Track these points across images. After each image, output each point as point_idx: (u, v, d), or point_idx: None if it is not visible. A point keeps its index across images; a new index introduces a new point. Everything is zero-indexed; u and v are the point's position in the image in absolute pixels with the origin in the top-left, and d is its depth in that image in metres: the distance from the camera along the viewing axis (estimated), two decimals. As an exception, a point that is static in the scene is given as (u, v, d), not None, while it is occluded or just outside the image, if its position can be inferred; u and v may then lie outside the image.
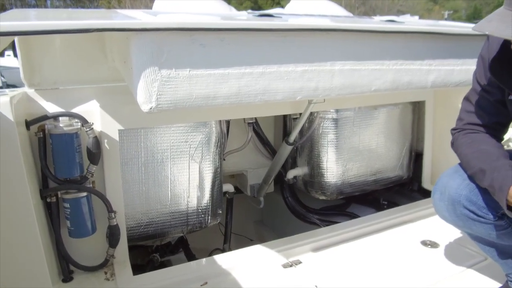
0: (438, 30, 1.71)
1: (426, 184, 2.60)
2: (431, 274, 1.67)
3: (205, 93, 1.25)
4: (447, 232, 1.93)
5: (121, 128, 1.68)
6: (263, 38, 1.32)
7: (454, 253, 1.81)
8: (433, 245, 1.90)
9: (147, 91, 1.17)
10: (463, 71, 1.84)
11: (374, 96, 2.16)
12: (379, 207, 2.57)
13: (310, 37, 1.41)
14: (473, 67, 1.47)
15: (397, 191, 2.73)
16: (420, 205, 2.23)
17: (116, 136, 1.67)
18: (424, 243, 1.92)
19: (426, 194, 2.49)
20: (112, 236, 1.71)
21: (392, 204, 2.56)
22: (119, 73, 1.51)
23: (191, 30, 1.19)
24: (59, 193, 1.62)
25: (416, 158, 2.66)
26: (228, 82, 1.27)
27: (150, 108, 1.19)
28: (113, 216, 1.69)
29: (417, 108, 2.57)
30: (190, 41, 1.19)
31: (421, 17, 2.37)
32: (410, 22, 1.90)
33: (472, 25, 2.04)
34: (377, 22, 1.84)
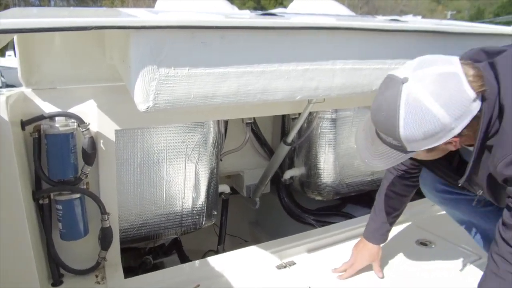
0: (441, 29, 1.68)
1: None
2: (427, 273, 1.66)
3: (203, 92, 1.21)
4: (443, 232, 1.94)
5: (118, 128, 1.63)
6: (264, 36, 1.28)
7: (449, 253, 1.80)
8: (429, 244, 1.89)
9: (145, 90, 1.13)
10: None
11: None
12: None
13: (312, 35, 1.37)
14: None
15: None
16: (415, 205, 2.20)
17: (112, 137, 1.62)
18: (420, 242, 1.92)
19: (421, 194, 2.49)
20: (105, 238, 1.67)
21: None
22: (117, 73, 1.47)
23: (192, 28, 1.15)
24: (51, 194, 1.57)
25: None
26: (227, 81, 1.24)
27: (147, 108, 1.15)
28: (106, 218, 1.64)
29: None
30: (191, 39, 1.15)
31: (424, 17, 2.34)
32: (413, 21, 1.87)
33: (476, 24, 2.01)
34: (380, 21, 1.81)
